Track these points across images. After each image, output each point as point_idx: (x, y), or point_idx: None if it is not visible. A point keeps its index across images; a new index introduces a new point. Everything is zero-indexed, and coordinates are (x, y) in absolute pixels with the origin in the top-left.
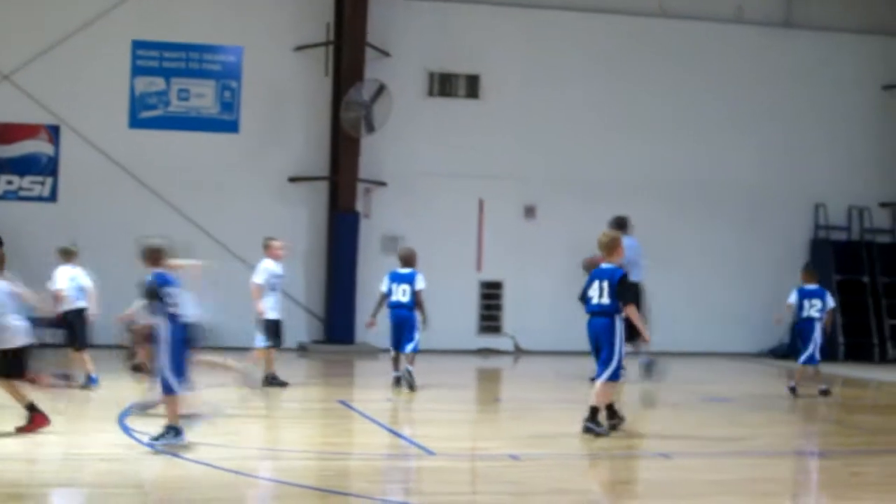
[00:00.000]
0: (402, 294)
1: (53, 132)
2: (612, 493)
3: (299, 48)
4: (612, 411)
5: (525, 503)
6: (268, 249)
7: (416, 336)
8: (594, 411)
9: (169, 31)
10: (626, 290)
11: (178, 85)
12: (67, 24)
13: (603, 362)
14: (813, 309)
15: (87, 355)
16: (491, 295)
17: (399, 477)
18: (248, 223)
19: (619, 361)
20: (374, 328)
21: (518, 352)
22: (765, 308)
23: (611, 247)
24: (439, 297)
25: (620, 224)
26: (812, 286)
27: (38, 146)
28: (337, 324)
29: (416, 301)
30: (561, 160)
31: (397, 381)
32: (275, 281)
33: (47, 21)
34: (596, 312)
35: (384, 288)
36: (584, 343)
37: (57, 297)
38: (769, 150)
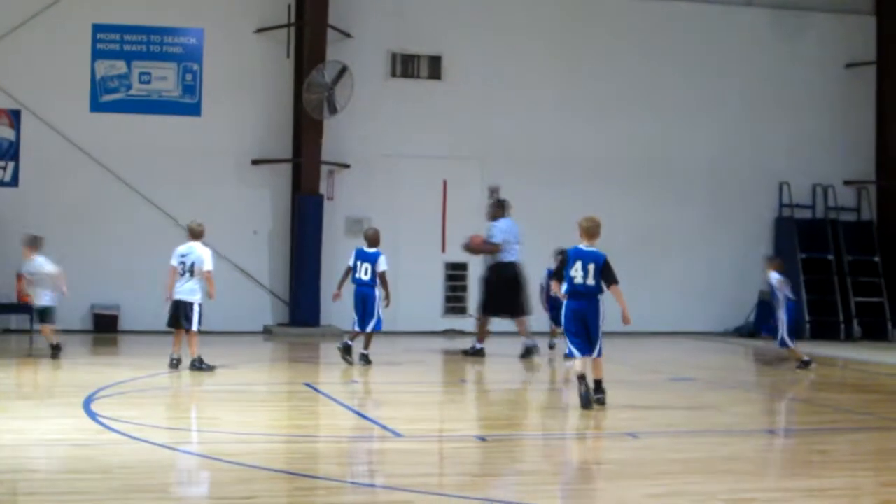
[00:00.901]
0: (364, 273)
1: (14, 116)
2: (580, 473)
3: (260, 30)
4: (587, 385)
5: (492, 484)
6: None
7: (378, 314)
8: (599, 383)
9: (129, 14)
10: (611, 272)
11: (140, 68)
12: (27, 7)
13: (593, 341)
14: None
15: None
16: (456, 276)
17: (366, 459)
18: (211, 206)
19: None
20: (338, 299)
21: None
22: (730, 286)
23: (593, 232)
24: (405, 279)
25: (501, 205)
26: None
27: None
28: (302, 306)
29: (378, 280)
30: (524, 140)
31: (346, 350)
32: None
33: (7, 4)
34: (582, 293)
35: (350, 262)
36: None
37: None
38: (732, 128)
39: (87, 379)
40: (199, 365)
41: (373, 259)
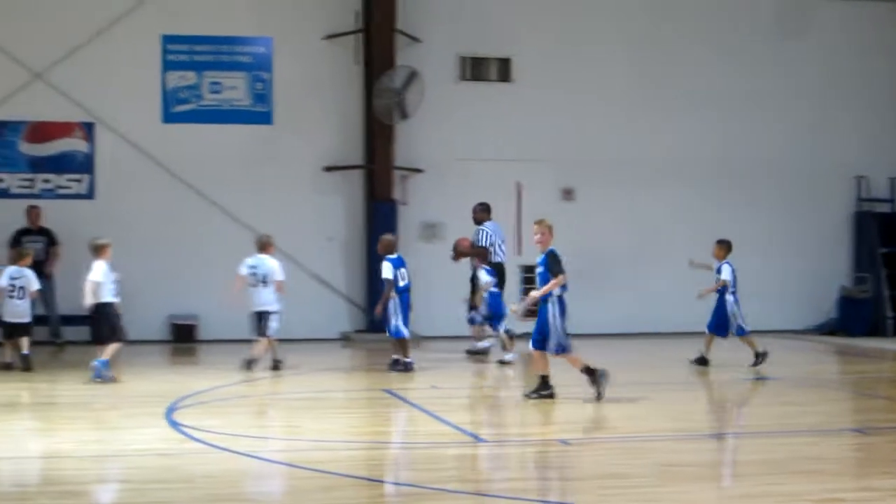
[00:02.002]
0: (405, 278)
1: (88, 129)
2: (664, 475)
3: (329, 37)
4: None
5: (576, 489)
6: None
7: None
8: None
9: (198, 25)
10: (556, 264)
11: (210, 78)
12: (97, 20)
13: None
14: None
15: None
16: (532, 279)
17: (448, 465)
18: (284, 214)
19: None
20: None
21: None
22: (810, 284)
23: None
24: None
25: (486, 209)
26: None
27: (73, 144)
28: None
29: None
30: (596, 141)
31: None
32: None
33: (76, 18)
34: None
35: (389, 275)
36: (625, 325)
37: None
38: (804, 124)
39: (167, 389)
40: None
41: (405, 263)
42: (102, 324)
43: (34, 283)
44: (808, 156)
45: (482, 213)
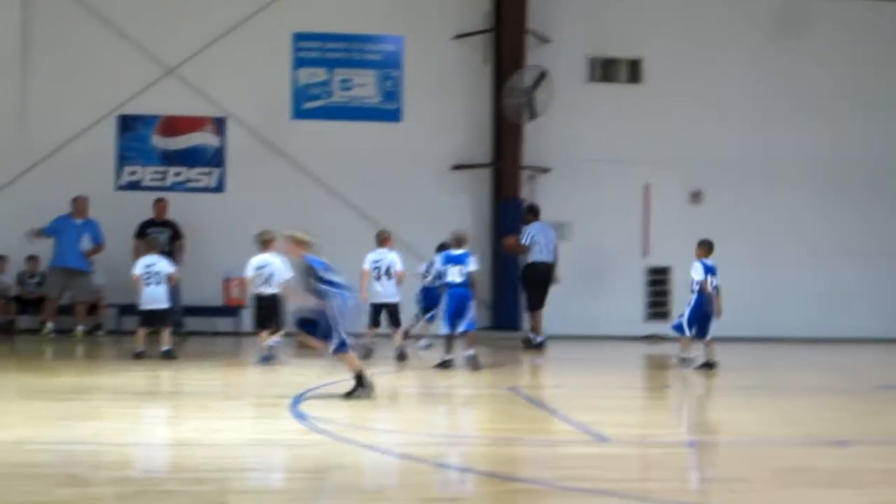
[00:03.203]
0: (457, 275)
1: (219, 124)
2: (785, 480)
3: (459, 36)
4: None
5: (700, 491)
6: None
7: (472, 315)
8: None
9: (329, 23)
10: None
11: (340, 75)
12: (229, 17)
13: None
14: (712, 285)
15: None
16: (658, 281)
17: (571, 463)
18: (411, 211)
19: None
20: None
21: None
22: None
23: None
24: (606, 283)
25: (532, 211)
26: (710, 262)
27: (204, 138)
28: (504, 311)
29: (470, 281)
30: (725, 144)
31: (445, 365)
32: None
33: (209, 15)
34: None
35: (439, 267)
36: (756, 329)
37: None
38: None
39: (294, 381)
40: (404, 354)
41: (463, 260)
42: (266, 313)
43: (169, 268)
44: None
45: (529, 214)
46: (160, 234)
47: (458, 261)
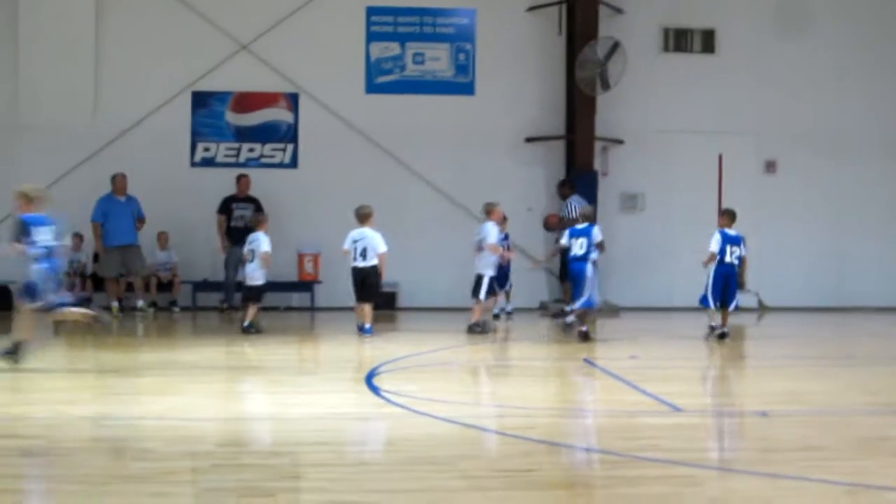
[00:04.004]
0: (579, 247)
1: (292, 100)
2: (863, 449)
3: (531, 8)
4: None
5: (774, 460)
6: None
7: (590, 292)
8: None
9: None
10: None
11: (413, 49)
12: None
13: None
14: (734, 255)
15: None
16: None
17: (645, 433)
18: (485, 184)
19: None
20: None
21: (762, 308)
22: None
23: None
24: (680, 255)
25: (569, 184)
26: (733, 232)
27: (277, 114)
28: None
29: (599, 250)
30: (800, 113)
31: (584, 336)
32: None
33: None
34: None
35: (565, 241)
36: (831, 299)
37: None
38: None
39: (368, 354)
40: (478, 329)
41: (587, 233)
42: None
43: (264, 245)
44: None
45: (567, 188)
46: (244, 210)
47: (583, 234)
